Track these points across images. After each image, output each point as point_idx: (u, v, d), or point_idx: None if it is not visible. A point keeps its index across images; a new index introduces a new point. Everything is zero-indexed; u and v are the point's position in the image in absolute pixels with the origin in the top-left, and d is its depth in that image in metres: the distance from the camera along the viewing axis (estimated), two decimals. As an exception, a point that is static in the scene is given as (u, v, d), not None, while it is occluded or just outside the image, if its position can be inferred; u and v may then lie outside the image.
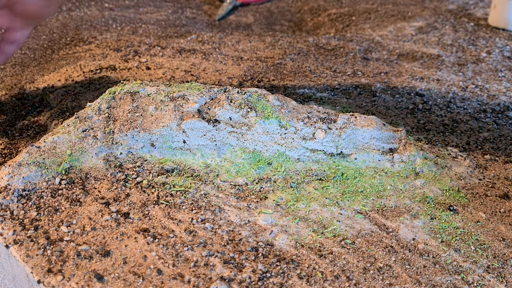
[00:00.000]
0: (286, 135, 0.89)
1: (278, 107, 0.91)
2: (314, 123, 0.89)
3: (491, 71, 1.36)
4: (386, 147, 0.91)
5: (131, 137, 0.87)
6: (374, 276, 0.69)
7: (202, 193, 0.81)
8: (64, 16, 1.75)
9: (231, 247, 0.72)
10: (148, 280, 0.65)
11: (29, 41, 1.55)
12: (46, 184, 0.80)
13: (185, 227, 0.74)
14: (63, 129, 0.87)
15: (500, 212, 0.83)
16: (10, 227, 0.72)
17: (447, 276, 0.70)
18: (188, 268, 0.68)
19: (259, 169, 0.87)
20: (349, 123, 0.90)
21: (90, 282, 0.64)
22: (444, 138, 1.04)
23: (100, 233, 0.72)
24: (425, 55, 1.45)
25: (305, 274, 0.68)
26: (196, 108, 0.89)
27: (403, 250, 0.74)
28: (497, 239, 0.77)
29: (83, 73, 1.30)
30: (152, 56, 1.40)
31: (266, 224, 0.77)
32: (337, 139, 0.89)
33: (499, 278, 0.70)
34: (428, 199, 0.84)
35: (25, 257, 0.67)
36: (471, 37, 1.58)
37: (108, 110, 0.90)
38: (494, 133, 1.07)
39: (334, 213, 0.80)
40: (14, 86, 1.29)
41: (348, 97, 1.20)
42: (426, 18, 1.74)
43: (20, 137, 1.08)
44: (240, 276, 0.67)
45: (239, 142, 0.89)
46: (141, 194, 0.80)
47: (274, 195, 0.83)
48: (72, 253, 0.68)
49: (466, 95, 1.23)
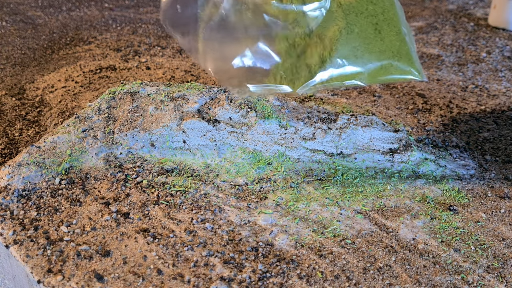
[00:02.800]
0: (286, 135, 0.89)
1: (278, 107, 0.91)
2: (314, 123, 0.89)
3: (491, 71, 1.36)
4: (386, 147, 0.91)
5: (131, 137, 0.87)
6: (374, 276, 0.69)
7: (202, 193, 0.81)
8: (64, 16, 1.75)
9: (231, 247, 0.72)
10: (148, 280, 0.65)
11: (29, 41, 1.55)
12: (46, 184, 0.80)
13: (185, 227, 0.74)
14: (63, 129, 0.87)
15: (500, 212, 0.83)
16: (10, 227, 0.72)
17: (447, 276, 0.70)
18: (188, 268, 0.68)
19: (259, 169, 0.87)
20: (349, 123, 0.90)
21: (90, 282, 0.64)
22: (444, 138, 1.04)
23: (100, 233, 0.72)
24: (425, 55, 1.45)
25: (305, 274, 0.68)
26: (196, 108, 0.89)
27: (403, 250, 0.74)
28: (497, 239, 0.77)
29: (83, 73, 1.30)
30: (152, 56, 1.40)
31: (266, 224, 0.77)
32: (337, 139, 0.89)
33: (499, 278, 0.70)
34: (428, 199, 0.84)
35: (25, 257, 0.67)
36: (471, 37, 1.58)
37: (108, 110, 0.90)
38: (494, 133, 1.07)
39: (334, 213, 0.80)
40: (14, 86, 1.29)
41: (348, 97, 1.20)
42: (426, 18, 1.74)
43: (20, 137, 1.08)
44: (240, 276, 0.67)
45: (239, 142, 0.89)
46: (141, 194, 0.80)
47: (274, 195, 0.83)
48: (72, 253, 0.68)
49: (466, 95, 1.23)
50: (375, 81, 0.75)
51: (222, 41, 0.74)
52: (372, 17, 0.74)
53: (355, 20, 0.73)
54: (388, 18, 0.76)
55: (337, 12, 0.72)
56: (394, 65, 0.75)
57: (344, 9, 0.72)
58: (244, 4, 0.72)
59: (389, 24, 0.75)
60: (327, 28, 0.71)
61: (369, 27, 0.74)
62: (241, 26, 0.72)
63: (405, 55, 0.76)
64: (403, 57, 0.76)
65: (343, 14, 0.72)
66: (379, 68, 0.75)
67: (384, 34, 0.75)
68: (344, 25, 0.72)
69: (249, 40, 0.72)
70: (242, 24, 0.72)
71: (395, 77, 0.76)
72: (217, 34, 0.73)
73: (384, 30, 0.75)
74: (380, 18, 0.75)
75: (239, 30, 0.72)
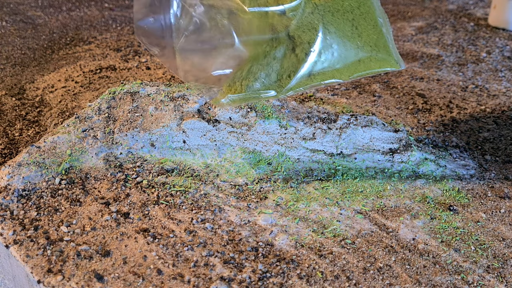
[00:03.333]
0: (286, 135, 0.89)
1: (278, 107, 0.91)
2: (314, 123, 0.89)
3: (491, 71, 1.36)
4: (386, 147, 0.91)
5: (131, 137, 0.87)
6: (374, 276, 0.69)
7: (202, 193, 0.81)
8: (64, 16, 1.75)
9: (231, 247, 0.72)
10: (148, 280, 0.65)
11: (29, 41, 1.55)
12: (46, 184, 0.80)
13: (185, 227, 0.74)
14: (63, 129, 0.87)
15: (500, 212, 0.83)
16: (10, 227, 0.72)
17: (447, 276, 0.70)
18: (188, 268, 0.68)
19: (259, 169, 0.87)
20: (349, 123, 0.90)
21: (90, 282, 0.64)
22: (444, 138, 1.04)
23: (100, 233, 0.72)
24: (425, 55, 1.45)
25: (305, 274, 0.68)
26: (196, 108, 0.89)
27: (403, 250, 0.74)
28: (497, 239, 0.77)
29: (83, 73, 1.30)
30: (152, 56, 1.40)
31: (266, 224, 0.77)
32: (337, 139, 0.89)
33: (499, 278, 0.70)
34: (428, 199, 0.84)
35: (25, 257, 0.67)
36: (471, 37, 1.58)
37: (108, 110, 0.90)
38: (494, 133, 1.07)
39: (334, 213, 0.80)
40: (14, 86, 1.29)
41: (348, 97, 1.20)
42: (426, 18, 1.74)
43: (20, 137, 1.08)
44: (240, 276, 0.67)
45: (239, 142, 0.89)
46: (141, 194, 0.80)
47: (274, 195, 0.83)
48: (72, 253, 0.68)
49: (466, 95, 1.23)
50: (355, 77, 0.75)
51: (199, 51, 0.72)
52: (348, 14, 0.74)
53: (331, 20, 0.72)
54: (364, 12, 0.75)
55: (313, 14, 0.71)
56: (373, 59, 0.75)
57: (320, 10, 0.72)
58: (218, 11, 0.71)
59: (365, 18, 0.75)
60: (304, 31, 0.71)
61: (346, 24, 0.73)
62: (217, 33, 0.71)
63: (383, 48, 0.76)
64: (381, 50, 0.75)
65: (319, 15, 0.72)
66: (357, 63, 0.74)
67: (361, 30, 0.74)
68: (321, 27, 0.71)
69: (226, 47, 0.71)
70: (218, 31, 0.71)
71: (374, 71, 0.76)
72: (193, 43, 0.72)
73: (361, 25, 0.74)
74: (357, 13, 0.74)
75: (215, 38, 0.71)
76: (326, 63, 0.72)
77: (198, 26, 0.71)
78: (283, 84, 0.72)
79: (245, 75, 0.72)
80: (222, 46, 0.71)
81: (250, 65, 0.72)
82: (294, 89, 0.72)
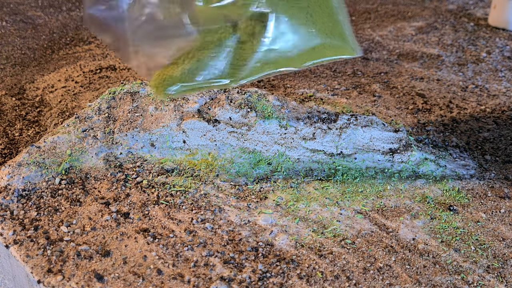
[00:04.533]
0: (286, 135, 0.89)
1: (278, 107, 0.91)
2: (314, 123, 0.89)
3: (491, 71, 1.36)
4: (386, 147, 0.91)
5: (131, 137, 0.87)
6: (374, 276, 0.69)
7: (202, 193, 0.81)
8: (64, 16, 1.75)
9: (231, 247, 0.72)
10: (148, 280, 0.65)
11: (29, 41, 1.55)
12: (46, 184, 0.80)
13: (185, 227, 0.74)
14: (63, 129, 0.87)
15: (500, 212, 0.83)
16: (10, 227, 0.72)
17: (447, 276, 0.70)
18: (188, 268, 0.68)
19: (259, 169, 0.87)
20: (349, 123, 0.90)
21: (90, 282, 0.64)
22: (444, 138, 1.04)
23: (100, 233, 0.72)
24: (425, 55, 1.45)
25: (305, 274, 0.68)
26: (196, 108, 0.89)
27: (403, 250, 0.74)
28: (497, 239, 0.77)
29: (83, 73, 1.30)
30: (152, 56, 1.40)
31: (266, 224, 0.76)
32: (337, 139, 0.89)
33: (499, 278, 0.70)
34: (428, 199, 0.84)
35: (25, 257, 0.67)
36: (471, 37, 1.58)
37: (108, 110, 0.90)
38: (494, 133, 1.07)
39: (334, 213, 0.80)
40: (14, 86, 1.29)
41: (348, 97, 1.20)
42: (426, 18, 1.74)
43: (20, 137, 1.08)
44: (240, 276, 0.67)
45: (239, 142, 0.89)
46: (141, 194, 0.80)
47: (274, 195, 0.83)
48: (72, 253, 0.68)
49: (466, 95, 1.23)
50: (309, 64, 0.74)
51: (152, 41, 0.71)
52: (302, 1, 0.72)
53: (285, 7, 0.71)
54: None
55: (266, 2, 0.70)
56: (327, 46, 0.74)
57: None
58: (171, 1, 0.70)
59: (320, 5, 0.73)
60: (256, 20, 0.70)
61: (300, 12, 0.72)
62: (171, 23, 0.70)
63: (339, 35, 0.74)
64: (336, 37, 0.74)
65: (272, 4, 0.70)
66: (311, 51, 0.73)
67: (316, 17, 0.73)
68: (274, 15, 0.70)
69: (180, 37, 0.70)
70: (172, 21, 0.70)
71: (329, 58, 0.75)
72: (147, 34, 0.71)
73: (316, 13, 0.73)
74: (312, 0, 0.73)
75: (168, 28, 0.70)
76: (279, 51, 0.71)
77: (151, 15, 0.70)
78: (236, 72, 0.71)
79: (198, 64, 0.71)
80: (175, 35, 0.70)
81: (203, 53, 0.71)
82: (247, 78, 0.72)
